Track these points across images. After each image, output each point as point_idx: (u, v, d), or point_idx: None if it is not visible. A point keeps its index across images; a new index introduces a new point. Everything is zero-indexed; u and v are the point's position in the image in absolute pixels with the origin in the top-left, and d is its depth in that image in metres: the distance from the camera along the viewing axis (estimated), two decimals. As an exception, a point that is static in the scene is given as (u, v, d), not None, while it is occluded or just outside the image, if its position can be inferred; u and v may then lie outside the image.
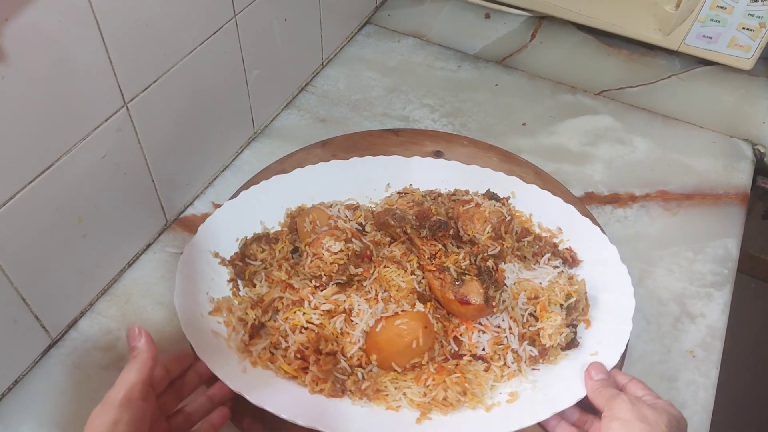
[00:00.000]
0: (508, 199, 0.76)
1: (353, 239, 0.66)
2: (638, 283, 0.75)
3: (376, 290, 0.64)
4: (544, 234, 0.74)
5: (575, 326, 0.65)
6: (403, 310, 0.62)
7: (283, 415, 0.56)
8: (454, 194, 0.76)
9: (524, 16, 1.09)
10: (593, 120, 0.94)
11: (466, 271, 0.64)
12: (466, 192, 0.76)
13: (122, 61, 0.61)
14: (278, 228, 0.74)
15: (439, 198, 0.75)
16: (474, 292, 0.62)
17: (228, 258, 0.70)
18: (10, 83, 0.51)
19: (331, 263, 0.64)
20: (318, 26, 0.93)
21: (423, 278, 0.66)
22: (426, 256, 0.66)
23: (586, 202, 0.81)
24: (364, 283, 0.65)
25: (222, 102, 0.78)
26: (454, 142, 0.84)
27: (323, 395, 0.59)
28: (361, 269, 0.65)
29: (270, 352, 0.62)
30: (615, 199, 0.83)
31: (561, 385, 0.60)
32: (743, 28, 0.90)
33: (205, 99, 0.75)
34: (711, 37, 0.93)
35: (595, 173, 0.86)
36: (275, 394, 0.58)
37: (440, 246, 0.68)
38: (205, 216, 0.79)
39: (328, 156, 0.81)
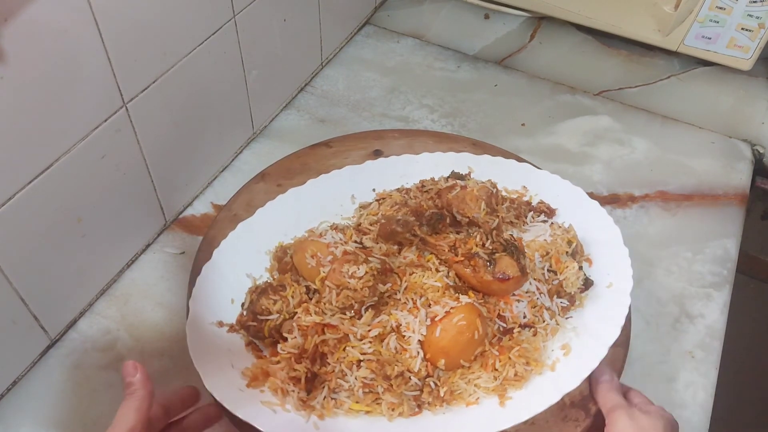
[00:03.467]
0: (469, 174, 0.77)
1: (370, 258, 0.65)
2: (637, 283, 0.74)
3: (412, 299, 0.63)
4: (513, 196, 0.75)
5: (581, 267, 0.68)
6: (452, 308, 0.62)
7: None
8: (422, 185, 0.76)
9: (523, 17, 1.09)
10: (592, 120, 0.94)
11: (494, 250, 0.65)
12: (432, 179, 0.76)
13: (121, 62, 0.61)
14: (266, 275, 0.69)
15: (410, 192, 0.76)
16: (510, 267, 0.63)
17: (233, 323, 0.65)
18: (9, 83, 0.51)
19: (362, 288, 0.62)
20: (317, 27, 0.93)
21: (449, 272, 0.66)
22: (446, 250, 0.67)
23: (586, 203, 0.81)
24: (397, 296, 0.64)
25: (221, 102, 0.78)
26: (386, 137, 0.84)
27: (402, 417, 0.59)
28: (389, 284, 0.64)
29: (332, 398, 0.59)
30: (614, 200, 0.83)
31: (598, 324, 0.63)
32: (742, 28, 0.90)
33: (204, 99, 0.75)
34: (710, 38, 0.93)
35: (595, 174, 0.86)
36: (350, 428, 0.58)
37: (452, 236, 0.68)
38: (204, 216, 0.79)
39: (273, 187, 0.77)
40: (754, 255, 1.05)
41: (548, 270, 0.67)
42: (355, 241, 0.69)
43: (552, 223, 0.71)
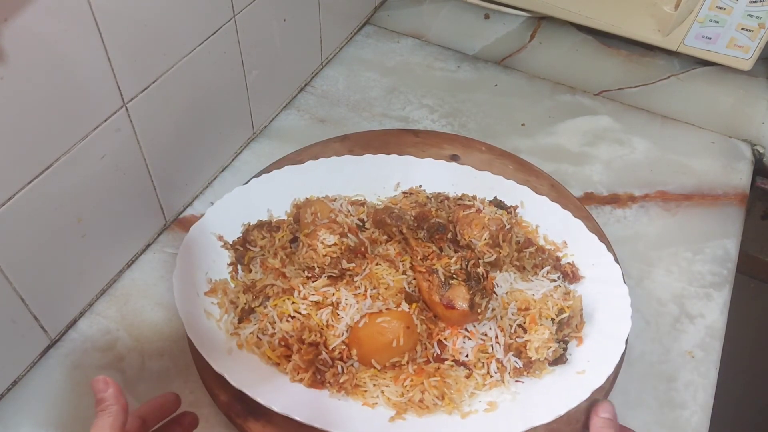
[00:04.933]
0: (516, 208, 0.75)
1: (349, 234, 0.67)
2: (637, 283, 0.75)
3: (365, 286, 0.65)
4: (548, 246, 0.72)
5: (566, 342, 0.64)
6: (387, 309, 0.63)
7: (260, 400, 0.57)
8: (460, 199, 0.75)
9: (523, 17, 1.09)
10: (592, 120, 0.94)
11: (454, 276, 0.64)
12: (474, 197, 0.75)
13: (121, 62, 0.61)
14: (284, 217, 0.74)
15: (446, 201, 0.75)
16: (460, 297, 0.62)
17: (231, 242, 0.71)
18: (9, 84, 0.51)
19: (324, 255, 0.65)
20: (317, 27, 0.93)
21: (414, 279, 0.66)
22: (419, 257, 0.67)
23: (586, 203, 0.81)
24: (355, 279, 0.65)
25: (221, 102, 0.78)
26: (472, 147, 0.84)
27: (303, 384, 0.60)
28: (353, 264, 0.66)
29: (257, 337, 0.63)
30: (614, 200, 0.83)
31: (541, 400, 0.60)
32: (742, 28, 0.90)
33: (204, 99, 0.75)
34: (710, 38, 0.93)
35: (595, 174, 0.86)
36: (256, 379, 0.59)
37: (434, 248, 0.68)
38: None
39: (345, 151, 0.81)
40: (754, 255, 1.05)
41: (519, 325, 0.64)
42: (360, 219, 0.72)
43: (559, 285, 0.67)
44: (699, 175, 0.87)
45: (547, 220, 0.74)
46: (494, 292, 0.66)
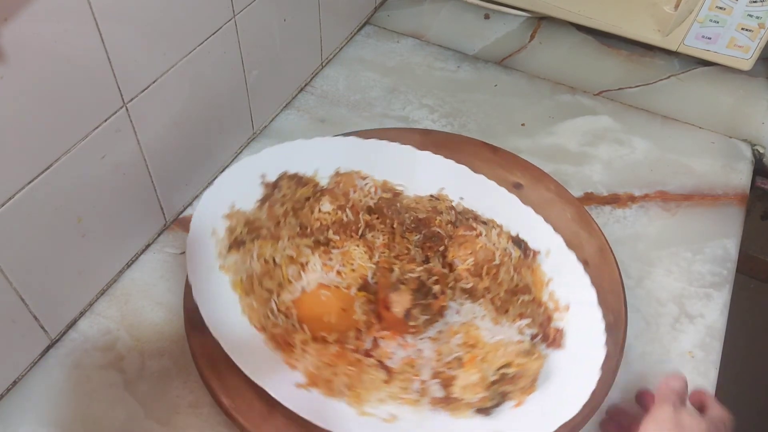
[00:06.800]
0: (537, 254, 0.70)
1: (348, 209, 0.70)
2: (637, 283, 0.75)
3: (337, 261, 0.68)
4: (548, 303, 0.66)
5: (503, 397, 0.58)
6: (336, 286, 0.65)
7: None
8: (486, 223, 0.72)
9: (523, 17, 1.09)
10: (592, 120, 0.94)
11: (405, 281, 0.64)
12: (501, 225, 0.72)
13: (121, 62, 0.61)
14: (323, 180, 0.75)
15: (472, 220, 0.72)
16: (399, 303, 0.62)
17: (267, 182, 0.72)
18: (9, 83, 0.51)
19: (315, 219, 0.69)
20: (317, 27, 0.93)
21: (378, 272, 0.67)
22: (392, 254, 0.67)
23: (585, 203, 0.81)
24: (333, 251, 0.68)
25: (221, 102, 0.78)
26: (541, 181, 0.78)
27: (249, 323, 0.62)
28: (338, 237, 0.69)
29: (236, 265, 0.65)
30: (614, 200, 0.83)
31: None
32: (742, 28, 0.90)
33: (204, 99, 0.75)
34: (710, 38, 0.93)
35: (594, 174, 0.86)
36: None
37: (414, 252, 0.68)
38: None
39: (420, 143, 0.79)
40: (754, 255, 1.05)
41: (456, 357, 0.61)
42: (380, 197, 0.74)
43: (523, 342, 0.62)
44: (699, 175, 0.87)
45: (563, 278, 0.67)
46: (442, 315, 0.65)
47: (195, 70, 0.71)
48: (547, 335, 0.63)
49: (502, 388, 0.58)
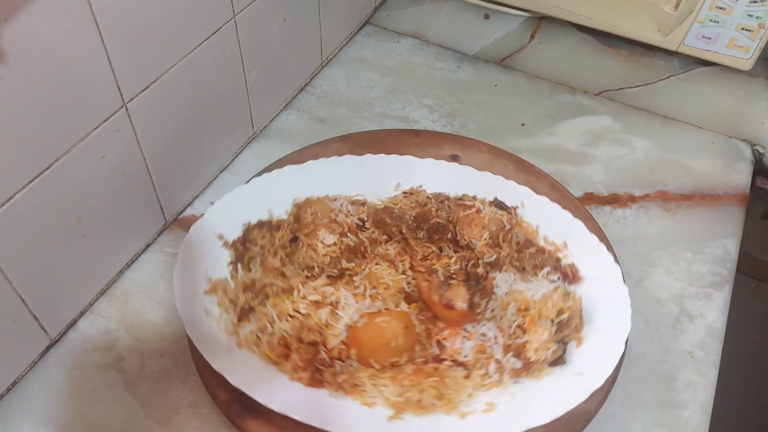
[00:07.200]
0: (516, 208, 0.74)
1: (349, 234, 0.67)
2: (637, 283, 0.75)
3: (365, 286, 0.65)
4: (548, 247, 0.71)
5: (566, 343, 0.63)
6: (386, 308, 0.63)
7: (259, 399, 0.57)
8: (461, 199, 0.75)
9: (523, 17, 1.09)
10: (592, 120, 0.94)
11: (453, 276, 0.64)
12: (474, 197, 0.75)
13: (121, 62, 0.61)
14: (284, 217, 0.74)
15: (447, 201, 0.75)
16: (459, 297, 0.62)
17: (231, 241, 0.70)
18: (9, 84, 0.51)
19: (324, 255, 0.66)
20: (317, 27, 0.93)
21: (413, 279, 0.66)
22: (418, 257, 0.67)
23: (585, 203, 0.81)
24: (355, 278, 0.66)
25: (221, 102, 0.78)
26: (472, 148, 0.84)
27: (301, 384, 0.60)
28: (353, 264, 0.66)
29: (257, 336, 0.63)
30: (614, 200, 0.83)
31: (540, 401, 0.59)
32: (742, 28, 0.90)
33: (204, 99, 0.75)
34: (710, 38, 0.93)
35: (594, 174, 0.86)
36: (255, 378, 0.59)
37: (434, 248, 0.67)
38: (204, 216, 0.79)
39: (346, 150, 0.81)
40: (754, 255, 1.05)
41: (518, 326, 0.63)
42: (360, 218, 0.71)
43: (558, 286, 0.66)
44: (699, 175, 0.87)
45: (547, 220, 0.73)
46: (493, 293, 0.65)
47: (195, 70, 0.71)
48: (566, 273, 0.68)
49: (562, 334, 0.62)
